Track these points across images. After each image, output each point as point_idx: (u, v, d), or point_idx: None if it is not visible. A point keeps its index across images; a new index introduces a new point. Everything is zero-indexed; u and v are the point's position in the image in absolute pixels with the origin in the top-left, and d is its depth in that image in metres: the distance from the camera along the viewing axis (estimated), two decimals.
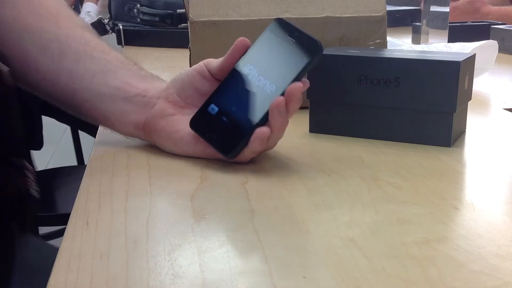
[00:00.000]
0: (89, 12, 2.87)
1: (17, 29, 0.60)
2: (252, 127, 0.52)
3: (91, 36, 0.62)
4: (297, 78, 0.52)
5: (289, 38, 0.54)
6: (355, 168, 0.53)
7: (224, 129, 0.54)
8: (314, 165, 0.55)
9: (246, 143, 0.52)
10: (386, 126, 0.61)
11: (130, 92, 0.58)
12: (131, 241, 0.39)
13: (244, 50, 0.55)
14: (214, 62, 0.56)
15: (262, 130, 0.51)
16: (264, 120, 0.52)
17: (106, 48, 0.62)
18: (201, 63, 0.57)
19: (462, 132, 0.64)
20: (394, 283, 0.34)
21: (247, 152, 0.53)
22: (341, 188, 0.49)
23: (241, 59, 0.55)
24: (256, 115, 0.52)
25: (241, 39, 0.55)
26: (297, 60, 0.52)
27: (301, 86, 0.51)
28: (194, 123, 0.55)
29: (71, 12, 0.64)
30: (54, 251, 0.38)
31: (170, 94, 0.57)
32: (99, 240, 0.39)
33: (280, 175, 0.52)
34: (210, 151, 0.55)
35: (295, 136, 0.63)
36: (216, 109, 0.55)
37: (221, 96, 0.55)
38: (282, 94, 0.51)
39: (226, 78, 0.55)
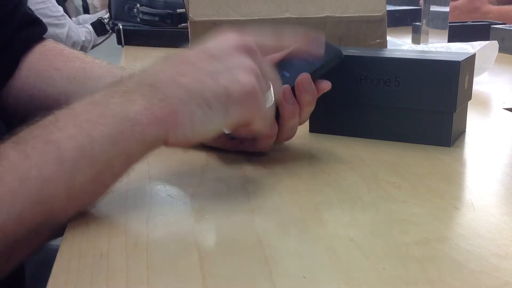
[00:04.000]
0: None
1: (48, 73, 0.66)
2: None
3: (112, 65, 0.68)
4: (311, 75, 0.53)
5: None
6: (355, 168, 0.53)
7: None
8: (314, 165, 0.55)
9: None
10: (386, 126, 0.61)
11: None
12: (131, 241, 0.39)
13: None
14: None
15: None
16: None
17: (126, 69, 0.67)
18: None
19: (462, 132, 0.64)
20: (394, 283, 0.34)
21: (262, 142, 0.54)
22: (341, 188, 0.49)
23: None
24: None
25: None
26: (314, 61, 0.54)
27: (309, 76, 0.53)
28: None
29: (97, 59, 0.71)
30: (54, 251, 0.38)
31: None
32: (99, 240, 0.39)
33: (280, 175, 0.52)
34: (221, 140, 0.55)
35: (295, 136, 0.63)
36: None
37: None
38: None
39: None
